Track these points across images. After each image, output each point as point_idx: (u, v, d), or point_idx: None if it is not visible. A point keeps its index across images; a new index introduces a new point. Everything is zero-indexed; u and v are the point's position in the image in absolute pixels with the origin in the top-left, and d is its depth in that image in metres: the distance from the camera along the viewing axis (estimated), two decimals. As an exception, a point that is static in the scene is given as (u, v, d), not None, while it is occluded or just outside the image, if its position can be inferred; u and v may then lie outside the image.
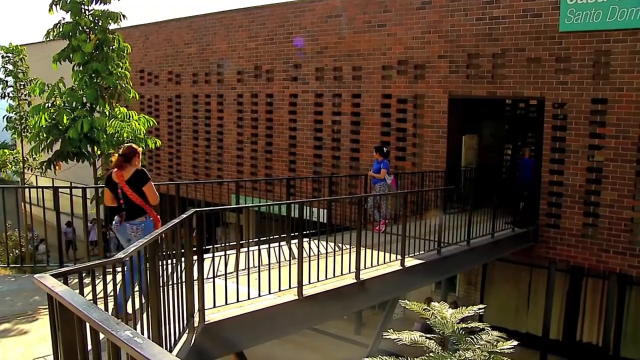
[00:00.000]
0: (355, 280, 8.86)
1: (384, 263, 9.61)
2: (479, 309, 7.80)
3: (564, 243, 13.95)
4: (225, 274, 7.42)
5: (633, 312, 15.49)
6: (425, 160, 15.77)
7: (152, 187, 7.08)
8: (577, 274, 15.63)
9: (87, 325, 3.11)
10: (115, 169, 7.02)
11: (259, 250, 8.58)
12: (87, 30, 11.59)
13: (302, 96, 18.46)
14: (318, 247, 9.63)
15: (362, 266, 8.99)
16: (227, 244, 10.05)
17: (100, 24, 11.69)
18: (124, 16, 11.96)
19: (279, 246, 9.73)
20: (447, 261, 11.09)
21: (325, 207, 12.47)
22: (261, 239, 10.40)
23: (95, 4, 11.65)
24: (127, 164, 7.04)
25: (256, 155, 19.97)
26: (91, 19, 11.57)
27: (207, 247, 9.17)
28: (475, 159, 16.81)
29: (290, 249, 8.86)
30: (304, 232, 9.26)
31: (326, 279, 8.47)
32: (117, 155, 7.11)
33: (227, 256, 8.05)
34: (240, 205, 10.59)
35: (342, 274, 8.74)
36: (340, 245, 9.58)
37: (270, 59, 19.22)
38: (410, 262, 10.08)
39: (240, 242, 9.95)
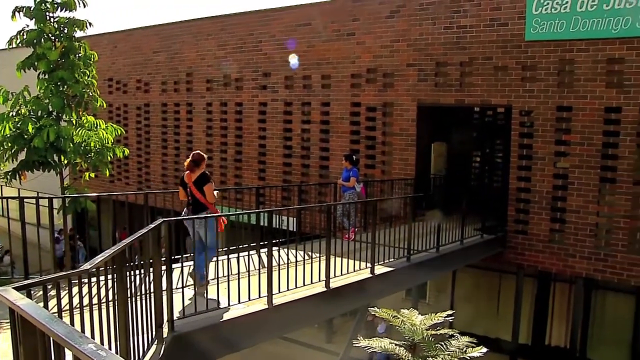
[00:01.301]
0: (325, 289, 8.87)
1: (354, 271, 9.63)
2: (448, 315, 7.85)
3: (531, 249, 14.12)
4: (194, 283, 7.38)
5: (599, 314, 15.73)
6: (395, 168, 15.86)
7: (210, 188, 8.40)
8: (544, 279, 15.80)
9: (51, 339, 3.05)
10: (187, 172, 8.44)
11: (228, 259, 8.56)
12: (53, 37, 11.42)
13: (271, 105, 18.44)
14: (288, 256, 9.60)
15: (332, 274, 9.01)
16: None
17: (65, 31, 11.52)
18: (90, 24, 11.81)
19: (248, 255, 9.67)
20: (417, 268, 11.14)
21: (294, 216, 12.45)
22: (231, 248, 10.37)
23: (61, 11, 11.49)
24: (196, 167, 8.41)
25: (226, 164, 19.89)
26: (56, 26, 11.40)
27: (176, 256, 9.10)
28: (444, 166, 16.94)
29: (259, 257, 8.83)
30: (274, 241, 9.25)
31: (296, 287, 8.46)
32: (188, 160, 8.47)
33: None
34: (207, 215, 10.48)
35: (312, 283, 8.74)
36: (310, 253, 9.57)
37: (240, 68, 19.17)
38: (380, 269, 10.11)
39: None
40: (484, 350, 6.99)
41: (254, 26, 18.79)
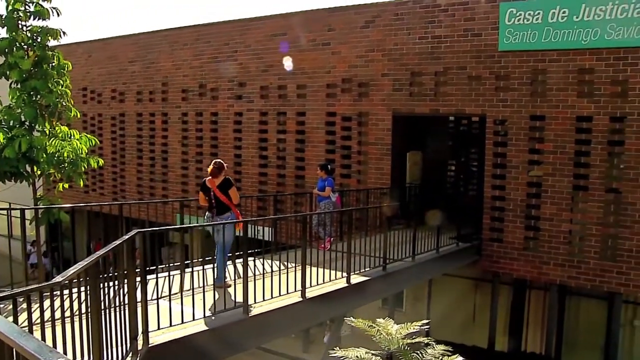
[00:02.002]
0: (301, 299, 8.85)
1: (330, 281, 9.63)
2: (423, 324, 7.88)
3: (506, 256, 14.24)
4: (170, 294, 7.33)
5: (573, 320, 15.93)
6: (370, 177, 15.92)
7: (235, 191, 9.27)
8: (520, 286, 15.93)
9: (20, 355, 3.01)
10: (210, 177, 9.27)
11: (204, 270, 8.51)
12: (25, 46, 11.31)
13: (247, 114, 18.43)
14: (264, 266, 9.58)
15: (308, 284, 9.00)
16: (172, 265, 9.93)
17: (39, 40, 11.41)
18: (64, 32, 11.71)
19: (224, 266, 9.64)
20: (393, 277, 11.18)
21: (270, 226, 12.43)
22: (206, 258, 10.32)
23: (33, 19, 11.38)
24: (219, 173, 9.24)
25: (201, 174, 19.77)
26: (29, 35, 11.29)
27: (151, 267, 9.04)
28: (420, 175, 17.02)
29: (235, 268, 8.80)
30: (249, 251, 9.22)
31: (272, 297, 8.43)
32: (211, 167, 9.28)
33: (171, 276, 7.95)
34: (183, 225, 10.44)
35: (288, 293, 8.72)
36: (286, 263, 9.56)
37: (215, 77, 19.14)
38: (356, 279, 10.11)
39: (185, 262, 9.82)
40: (460, 358, 7.02)
41: (230, 36, 18.79)
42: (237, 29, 18.65)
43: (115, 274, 6.22)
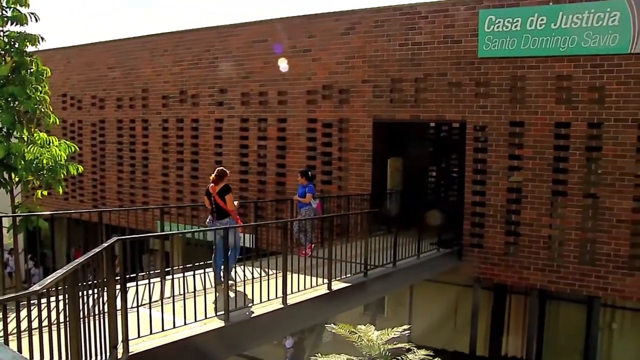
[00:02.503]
0: (282, 305, 8.85)
1: (311, 287, 9.65)
2: (404, 329, 7.90)
3: (487, 262, 14.33)
4: (150, 302, 7.29)
5: (553, 324, 16.05)
6: (351, 184, 15.96)
7: (230, 197, 9.91)
8: (500, 291, 16.02)
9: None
10: (212, 184, 9.94)
11: (184, 277, 8.47)
12: (3, 52, 11.20)
13: (227, 121, 18.40)
14: (244, 273, 9.56)
15: (289, 291, 9.00)
16: (153, 272, 9.88)
17: (16, 46, 11.29)
18: (42, 38, 11.61)
19: (204, 273, 9.62)
20: (374, 283, 11.20)
21: (251, 233, 12.40)
22: (187, 265, 10.27)
23: (11, 25, 11.27)
24: (220, 180, 9.97)
25: (182, 180, 19.73)
26: (6, 40, 11.18)
27: (131, 275, 8.99)
28: (401, 181, 17.07)
29: (216, 275, 8.78)
30: (231, 258, 9.19)
31: (253, 304, 8.42)
32: (213, 175, 10.07)
33: (151, 284, 7.91)
34: (163, 233, 10.39)
35: (269, 299, 8.72)
36: (267, 270, 9.56)
37: (196, 84, 19.10)
38: (337, 285, 10.13)
39: (166, 269, 9.78)
40: (440, 364, 7.04)
41: (210, 42, 18.76)
42: (217, 36, 18.64)
43: (95, 281, 6.18)
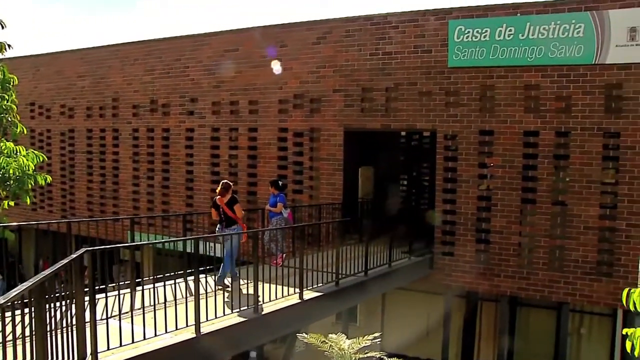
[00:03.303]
0: (254, 315, 8.80)
1: (283, 297, 9.62)
2: (375, 337, 7.93)
3: (458, 270, 14.43)
4: (120, 314, 7.21)
5: (523, 330, 16.21)
6: (322, 193, 15.98)
7: (238, 207, 10.97)
8: (472, 298, 16.13)
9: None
10: (219, 196, 10.82)
11: (154, 287, 8.41)
12: (-33, 61, 11.03)
13: (198, 130, 18.33)
14: (215, 283, 9.52)
15: (260, 300, 8.96)
16: (122, 283, 9.78)
17: (-19, 53, 11.12)
18: (9, 46, 11.45)
19: (175, 283, 9.54)
20: (345, 292, 11.21)
21: (222, 242, 12.35)
22: (157, 276, 10.19)
23: (-25, 32, 11.09)
24: (226, 192, 10.86)
25: (153, 190, 19.59)
26: (-30, 48, 11.01)
27: (101, 286, 8.89)
28: (372, 190, 17.13)
29: (187, 285, 8.72)
30: (202, 268, 9.15)
31: (224, 315, 8.38)
32: (219, 188, 10.90)
33: (120, 295, 7.82)
34: (133, 243, 10.32)
35: (240, 310, 8.66)
36: (237, 279, 9.53)
37: (167, 93, 19.00)
38: (308, 294, 10.12)
39: (136, 280, 9.69)
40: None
41: (181, 51, 18.69)
42: (188, 45, 18.58)
43: (63, 293, 6.10)
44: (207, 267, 10.45)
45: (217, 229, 11.26)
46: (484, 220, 14.20)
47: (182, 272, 9.23)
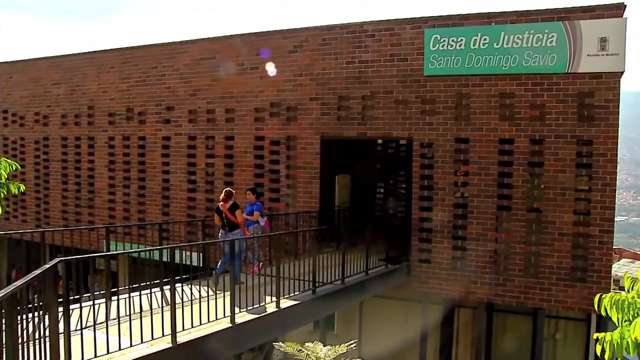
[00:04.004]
0: (230, 324, 8.75)
1: (260, 305, 9.58)
2: (350, 344, 7.93)
3: (435, 277, 14.50)
4: (94, 324, 7.12)
5: (500, 336, 16.30)
6: (299, 201, 15.98)
7: (239, 212, 11.78)
8: (449, 305, 16.18)
9: None
10: (222, 203, 11.74)
11: (130, 297, 8.33)
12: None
13: (175, 139, 18.25)
14: (192, 292, 9.45)
15: (237, 310, 8.91)
16: (98, 293, 9.67)
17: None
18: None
19: (150, 293, 9.46)
20: (323, 300, 11.19)
21: (199, 251, 12.29)
22: (133, 285, 10.09)
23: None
24: (229, 199, 11.75)
25: (129, 199, 19.44)
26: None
27: (75, 297, 8.79)
28: (349, 198, 17.16)
29: (163, 294, 8.66)
30: (178, 277, 9.08)
31: (200, 324, 8.31)
32: (223, 195, 11.83)
33: (95, 305, 7.73)
34: (107, 253, 10.22)
35: (217, 319, 8.61)
36: (214, 289, 9.47)
37: (143, 101, 18.89)
38: (285, 303, 10.09)
39: (112, 289, 9.59)
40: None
41: (158, 59, 18.61)
42: (165, 53, 18.51)
43: (36, 304, 6.02)
44: (184, 276, 10.38)
45: (220, 234, 12.03)
46: (460, 228, 14.30)
47: (158, 281, 9.16)
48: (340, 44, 15.41)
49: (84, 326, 7.39)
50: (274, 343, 8.86)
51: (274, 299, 9.90)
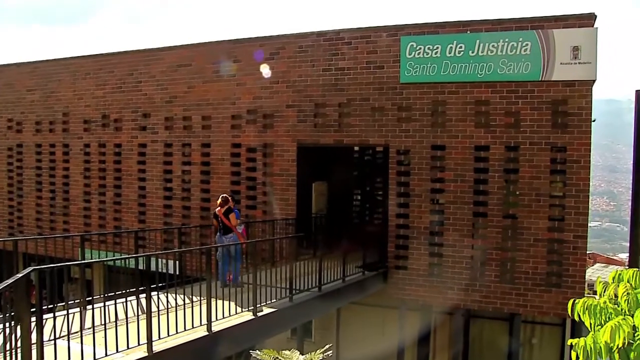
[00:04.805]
0: (207, 333, 8.71)
1: (236, 313, 9.56)
2: (325, 350, 7.92)
3: (412, 283, 14.56)
4: (69, 333, 7.04)
5: (477, 342, 16.41)
6: (276, 208, 15.94)
7: (233, 216, 12.37)
8: (426, 311, 16.24)
9: None
10: (219, 208, 12.34)
11: (105, 306, 8.25)
12: None
13: (151, 146, 18.13)
14: (167, 300, 9.38)
15: (213, 318, 8.87)
16: (72, 302, 9.57)
17: None
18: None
19: (126, 301, 9.37)
20: (300, 308, 11.20)
21: (175, 259, 12.23)
22: (108, 294, 10.00)
23: None
24: (225, 204, 12.33)
25: (104, 207, 19.25)
26: None
27: (49, 306, 8.69)
28: (326, 205, 17.18)
29: (139, 303, 8.59)
30: (154, 286, 9.01)
31: (177, 332, 8.26)
32: (219, 200, 12.48)
33: (69, 314, 7.64)
34: (82, 261, 10.10)
35: (193, 327, 8.56)
36: (191, 297, 9.41)
37: (119, 108, 18.76)
38: (262, 311, 10.06)
39: (87, 298, 9.49)
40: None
41: (134, 66, 18.50)
42: (141, 59, 18.40)
43: (8, 315, 5.93)
44: (160, 285, 10.30)
45: (216, 237, 12.53)
46: (437, 234, 14.37)
47: (134, 289, 9.08)
48: (316, 52, 15.45)
49: (57, 336, 7.28)
50: (251, 351, 8.82)
51: (251, 306, 9.87)
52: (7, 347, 5.66)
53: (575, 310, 4.40)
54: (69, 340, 6.81)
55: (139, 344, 7.59)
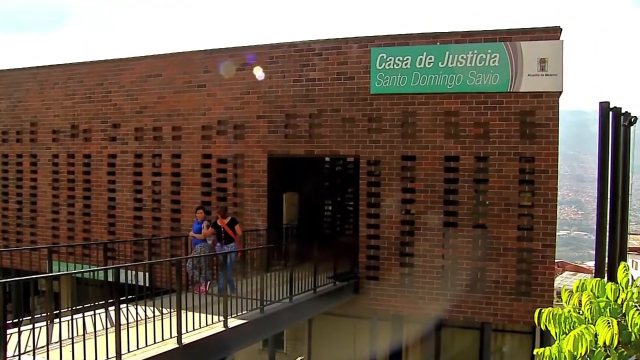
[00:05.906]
0: (177, 345, 8.65)
1: (207, 325, 9.50)
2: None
3: (383, 293, 14.60)
4: (34, 348, 6.93)
5: (449, 351, 16.51)
6: (247, 219, 15.90)
7: (238, 227, 12.97)
8: (397, 321, 16.29)
9: None
10: (219, 218, 12.80)
11: (72, 319, 8.14)
12: None
13: (120, 156, 17.97)
14: (137, 312, 9.29)
15: (184, 330, 8.81)
16: (39, 315, 9.40)
17: None
18: None
19: (94, 314, 9.25)
20: (271, 319, 11.18)
21: (145, 271, 12.11)
22: (76, 307, 9.87)
23: None
24: (225, 214, 12.95)
25: (73, 218, 19.00)
26: None
27: (14, 320, 8.54)
28: (297, 215, 17.17)
29: (108, 315, 8.49)
30: (123, 298, 8.93)
31: (146, 345, 8.18)
32: (220, 211, 13.11)
33: (36, 329, 7.51)
34: (49, 274, 9.94)
35: (163, 339, 8.50)
36: (161, 309, 9.34)
37: (88, 118, 18.56)
38: (233, 322, 10.04)
39: (54, 311, 9.34)
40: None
41: (104, 76, 18.33)
42: (110, 69, 18.24)
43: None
44: (129, 297, 10.19)
45: (216, 247, 12.87)
46: (407, 244, 14.45)
47: (102, 302, 8.98)
48: (287, 62, 15.48)
49: (22, 351, 7.16)
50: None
51: (221, 318, 9.82)
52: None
53: (542, 320, 4.46)
54: (34, 355, 6.72)
55: (107, 358, 7.50)
